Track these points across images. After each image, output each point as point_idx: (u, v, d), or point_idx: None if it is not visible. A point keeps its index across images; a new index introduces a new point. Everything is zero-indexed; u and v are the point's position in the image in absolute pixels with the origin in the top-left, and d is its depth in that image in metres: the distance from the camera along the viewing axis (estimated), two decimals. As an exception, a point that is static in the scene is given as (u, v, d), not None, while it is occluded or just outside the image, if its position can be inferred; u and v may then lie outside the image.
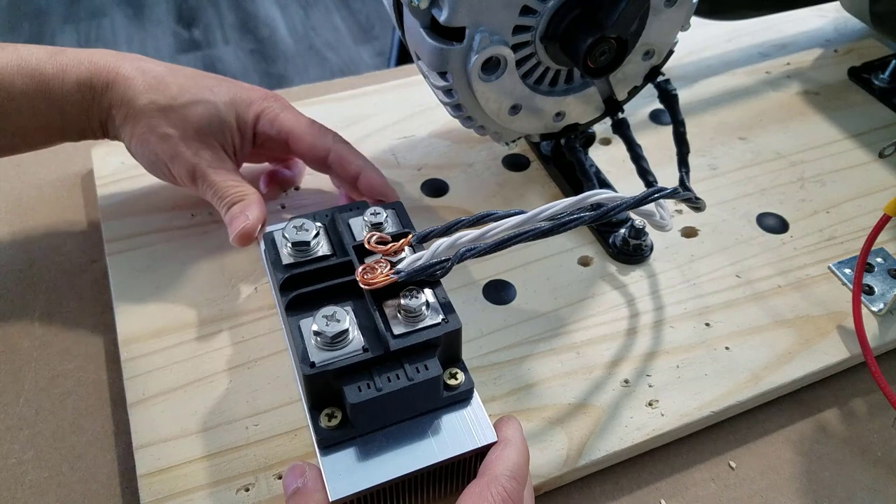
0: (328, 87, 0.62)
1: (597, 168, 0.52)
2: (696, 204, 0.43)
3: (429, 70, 0.40)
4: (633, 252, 0.47)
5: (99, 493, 0.38)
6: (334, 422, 0.32)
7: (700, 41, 0.65)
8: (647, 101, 0.57)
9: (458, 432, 0.33)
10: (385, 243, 0.35)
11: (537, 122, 0.44)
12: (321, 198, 0.50)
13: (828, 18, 0.69)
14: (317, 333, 0.32)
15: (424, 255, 0.34)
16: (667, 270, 0.47)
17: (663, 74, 0.45)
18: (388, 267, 0.34)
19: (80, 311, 0.45)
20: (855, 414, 0.42)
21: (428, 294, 0.34)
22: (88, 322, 0.45)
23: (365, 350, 0.32)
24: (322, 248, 0.36)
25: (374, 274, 0.34)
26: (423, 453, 0.33)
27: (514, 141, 0.46)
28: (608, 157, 0.53)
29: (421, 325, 0.33)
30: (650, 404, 0.40)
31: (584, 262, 0.47)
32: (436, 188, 0.52)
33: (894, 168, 0.54)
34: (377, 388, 0.31)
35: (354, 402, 0.31)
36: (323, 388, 0.32)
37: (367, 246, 0.35)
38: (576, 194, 0.50)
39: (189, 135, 0.42)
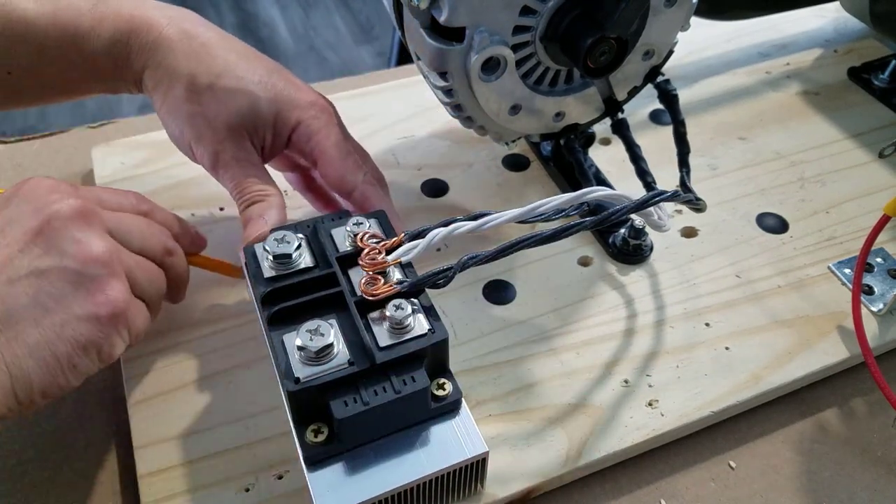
0: (328, 88, 0.62)
1: (596, 168, 0.52)
2: (696, 205, 0.43)
3: (429, 70, 0.40)
4: (633, 252, 0.47)
5: (99, 493, 0.38)
6: (321, 437, 0.32)
7: (700, 41, 0.65)
8: (647, 102, 0.57)
9: (447, 444, 0.33)
10: (378, 241, 0.35)
11: (537, 123, 0.44)
12: (321, 198, 0.50)
13: (828, 18, 0.69)
14: (301, 348, 0.31)
15: (421, 245, 0.34)
16: (667, 270, 0.47)
17: (663, 74, 0.45)
18: (387, 271, 0.34)
19: (80, 312, 0.45)
20: (855, 414, 0.42)
21: (413, 302, 0.33)
22: (88, 322, 0.45)
23: (350, 364, 0.31)
24: (304, 259, 0.35)
25: (377, 285, 0.33)
26: (412, 466, 0.32)
27: (514, 141, 0.46)
28: (608, 158, 0.53)
29: (407, 337, 0.32)
30: (650, 404, 0.40)
31: (584, 262, 0.47)
32: (436, 188, 0.52)
33: (894, 168, 0.54)
34: (364, 403, 0.31)
35: (341, 418, 0.30)
36: (308, 403, 0.31)
37: (359, 244, 0.35)
38: (576, 194, 0.50)
39: (220, 120, 0.39)
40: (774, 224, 0.50)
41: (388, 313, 0.32)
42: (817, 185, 0.53)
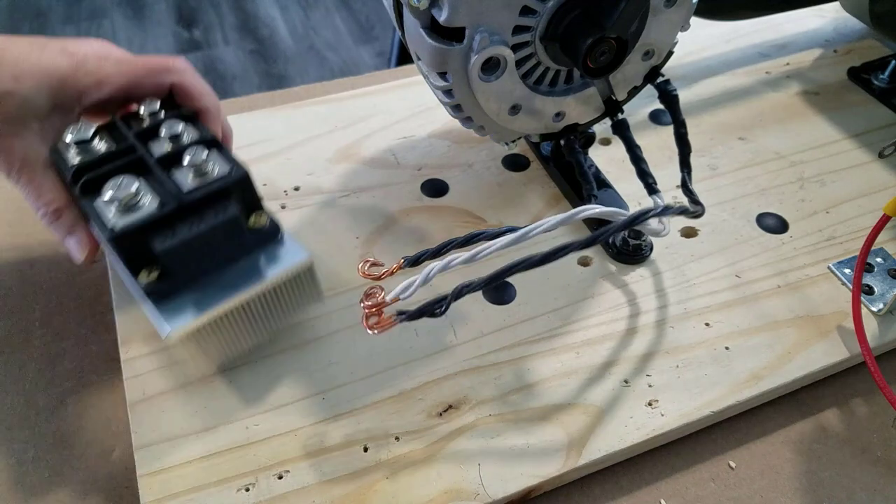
0: (328, 88, 0.62)
1: (596, 168, 0.52)
2: (693, 213, 0.43)
3: (429, 70, 0.40)
4: (632, 252, 0.47)
5: (99, 493, 0.38)
6: (153, 275, 0.35)
7: (700, 41, 0.65)
8: (646, 102, 0.57)
9: (273, 260, 0.38)
10: (377, 270, 0.36)
11: (537, 123, 0.45)
12: (323, 198, 0.50)
13: (827, 19, 0.69)
14: (111, 201, 0.35)
15: (417, 280, 0.34)
16: (666, 270, 0.47)
17: (663, 75, 0.45)
18: (390, 309, 0.35)
19: (80, 311, 0.45)
20: (855, 414, 0.42)
21: (212, 153, 0.37)
22: (88, 322, 0.45)
23: (162, 206, 0.35)
24: (105, 145, 0.39)
25: (379, 319, 0.34)
26: (245, 284, 0.37)
27: (513, 141, 0.46)
28: (608, 158, 0.53)
29: (210, 179, 0.36)
30: (650, 404, 0.40)
31: (584, 262, 0.47)
32: (436, 188, 0.52)
33: (894, 168, 0.54)
34: (180, 235, 0.34)
35: (161, 250, 0.34)
36: (132, 247, 0.35)
37: (360, 274, 0.36)
38: (576, 194, 0.50)
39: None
40: (774, 224, 0.50)
41: (187, 160, 0.36)
42: (817, 185, 0.53)
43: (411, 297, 0.35)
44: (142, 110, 0.40)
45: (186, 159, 0.36)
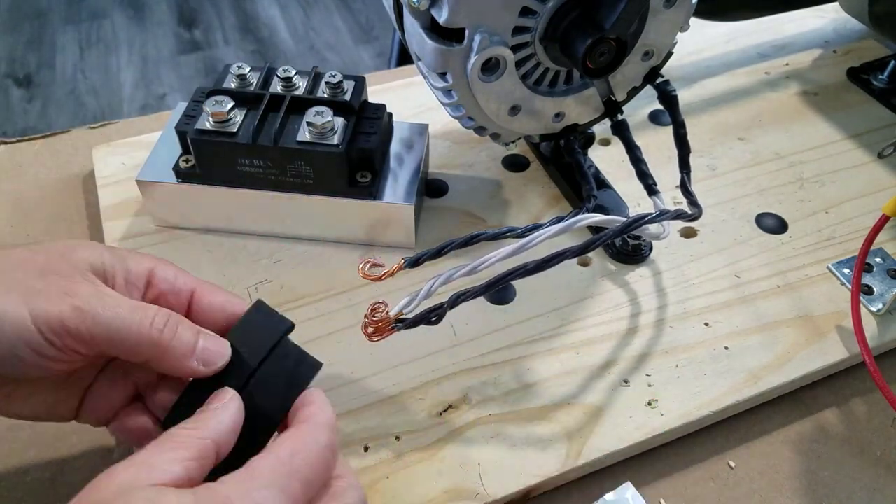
0: (328, 88, 0.62)
1: (596, 168, 0.52)
2: (689, 216, 0.43)
3: (429, 71, 0.40)
4: (632, 252, 0.47)
5: (100, 492, 0.38)
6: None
7: (699, 42, 0.65)
8: (646, 102, 0.58)
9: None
10: (377, 271, 0.36)
11: (537, 123, 0.45)
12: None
13: (827, 19, 0.69)
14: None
15: (419, 294, 0.35)
16: (666, 270, 0.47)
17: (662, 76, 0.45)
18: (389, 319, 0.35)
19: (80, 312, 0.45)
20: (854, 414, 0.42)
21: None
22: (89, 322, 0.45)
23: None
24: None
25: (377, 329, 0.34)
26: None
27: (513, 141, 0.47)
28: (608, 158, 0.53)
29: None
30: (649, 404, 0.40)
31: (584, 262, 0.47)
32: (436, 188, 0.52)
33: (893, 168, 0.54)
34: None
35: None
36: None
37: (360, 275, 0.36)
38: (576, 194, 0.50)
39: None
40: (773, 224, 0.50)
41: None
42: (816, 185, 0.53)
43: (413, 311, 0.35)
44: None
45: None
